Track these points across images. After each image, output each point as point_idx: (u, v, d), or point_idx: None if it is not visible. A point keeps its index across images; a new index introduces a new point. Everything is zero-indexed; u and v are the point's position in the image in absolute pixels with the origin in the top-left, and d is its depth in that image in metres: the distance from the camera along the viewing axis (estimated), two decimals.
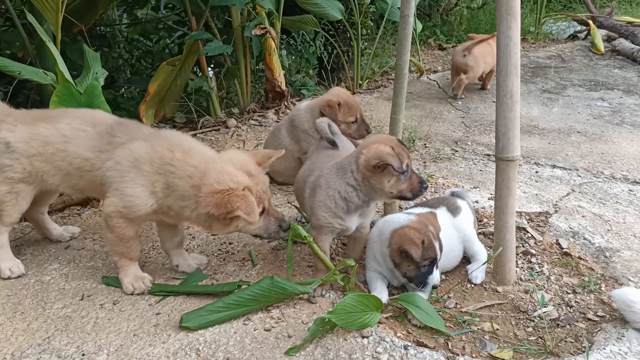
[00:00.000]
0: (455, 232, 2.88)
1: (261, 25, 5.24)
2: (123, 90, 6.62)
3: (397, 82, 3.13)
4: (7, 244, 2.93)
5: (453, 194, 3.20)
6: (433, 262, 2.56)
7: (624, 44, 8.05)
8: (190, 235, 3.27)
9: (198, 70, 5.68)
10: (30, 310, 2.60)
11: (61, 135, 2.72)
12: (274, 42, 5.40)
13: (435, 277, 2.59)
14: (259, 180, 2.58)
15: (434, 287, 2.65)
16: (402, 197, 2.59)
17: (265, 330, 2.43)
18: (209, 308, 2.47)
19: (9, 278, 2.85)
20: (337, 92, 3.80)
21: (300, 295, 2.63)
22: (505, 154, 2.67)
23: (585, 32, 9.00)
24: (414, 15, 5.36)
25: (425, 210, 2.89)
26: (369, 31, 6.57)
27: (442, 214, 2.88)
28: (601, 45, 8.14)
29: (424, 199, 3.51)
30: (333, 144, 3.00)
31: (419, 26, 7.11)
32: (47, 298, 2.69)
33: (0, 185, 2.77)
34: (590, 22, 8.66)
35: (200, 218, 2.52)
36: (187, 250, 3.02)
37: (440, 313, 2.55)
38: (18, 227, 3.38)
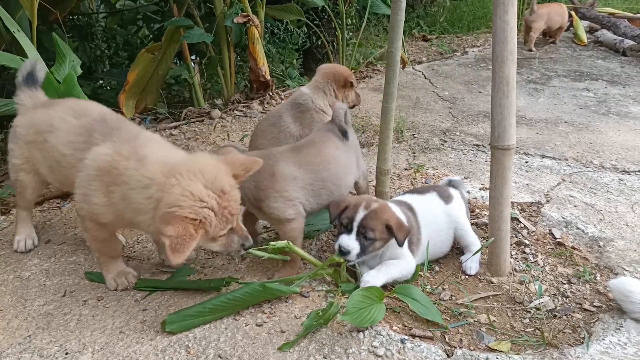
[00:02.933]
0: (445, 218, 2.83)
1: (244, 13, 5.12)
2: (102, 82, 6.46)
3: (388, 69, 3.05)
4: (25, 219, 2.98)
5: (450, 183, 3.14)
6: (350, 221, 2.53)
7: (606, 35, 8.09)
8: None
9: (180, 61, 5.55)
10: (10, 307, 2.48)
11: (49, 124, 2.59)
12: (258, 30, 5.28)
13: (343, 240, 2.52)
14: (230, 198, 2.22)
15: (342, 252, 2.51)
16: None
17: (257, 325, 2.35)
18: (194, 310, 2.35)
19: (16, 251, 2.93)
20: (336, 66, 3.92)
21: None
22: (500, 142, 2.62)
23: (568, 24, 9.02)
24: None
25: (415, 196, 2.85)
26: (353, 21, 6.49)
27: (432, 198, 2.88)
28: (584, 37, 8.17)
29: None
30: (344, 134, 2.93)
31: None
32: (27, 295, 2.57)
33: (10, 172, 2.85)
34: (573, 13, 8.67)
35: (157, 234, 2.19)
36: None
37: (436, 305, 2.49)
38: None
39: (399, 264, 2.61)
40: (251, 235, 2.44)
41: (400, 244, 2.52)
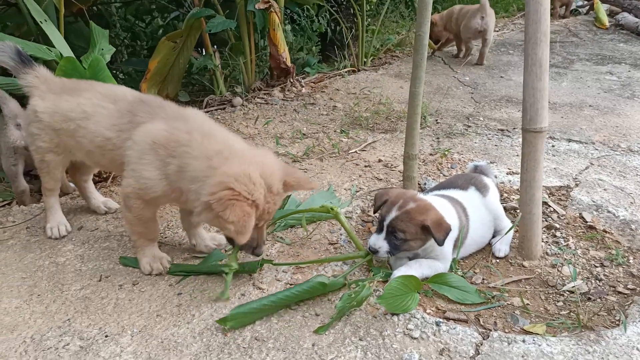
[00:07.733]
0: (487, 214, 2.81)
1: None
2: (121, 71, 6.48)
3: (416, 53, 3.03)
4: (53, 207, 3.03)
5: (477, 168, 3.12)
6: (381, 220, 2.52)
7: (627, 18, 7.97)
8: None
9: (201, 49, 5.55)
10: (47, 292, 2.52)
11: (82, 111, 2.64)
12: (278, 16, 5.26)
13: (372, 239, 2.53)
14: (273, 201, 2.33)
15: (371, 250, 2.54)
16: None
17: (291, 309, 2.37)
18: (253, 306, 2.32)
19: (49, 238, 2.97)
20: None
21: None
22: (533, 125, 2.60)
23: (588, 7, 8.90)
24: None
25: (453, 191, 2.81)
26: (372, 7, 6.45)
27: (472, 194, 2.83)
28: (605, 20, 8.06)
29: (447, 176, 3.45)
30: None
31: None
32: (63, 280, 2.61)
33: (34, 153, 2.87)
34: None
35: (201, 204, 2.27)
36: (205, 229, 2.93)
37: None
38: (27, 209, 3.29)
39: (433, 264, 2.57)
40: None
41: (440, 243, 2.43)
